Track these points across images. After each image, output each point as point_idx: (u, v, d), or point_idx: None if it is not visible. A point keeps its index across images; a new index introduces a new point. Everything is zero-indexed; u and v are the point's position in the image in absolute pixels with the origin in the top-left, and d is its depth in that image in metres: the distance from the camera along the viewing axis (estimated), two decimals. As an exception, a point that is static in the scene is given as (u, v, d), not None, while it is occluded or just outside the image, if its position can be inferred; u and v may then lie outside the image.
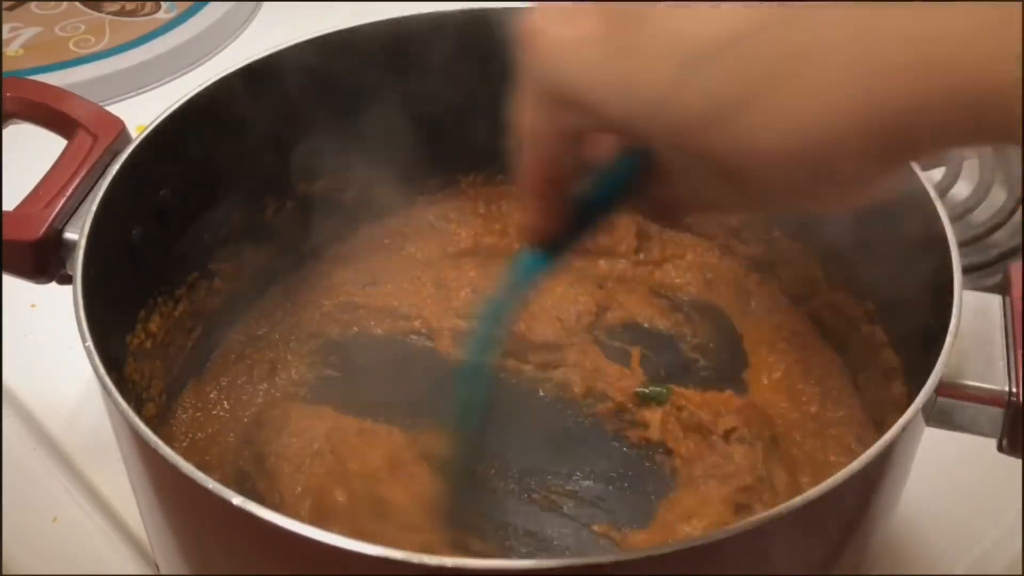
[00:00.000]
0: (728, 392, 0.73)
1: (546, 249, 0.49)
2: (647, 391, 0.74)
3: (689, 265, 0.86)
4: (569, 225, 0.47)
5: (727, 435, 0.70)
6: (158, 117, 0.68)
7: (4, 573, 0.71)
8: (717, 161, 0.37)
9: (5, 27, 1.20)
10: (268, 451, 0.69)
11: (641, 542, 0.64)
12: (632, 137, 0.40)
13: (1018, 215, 0.95)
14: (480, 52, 0.79)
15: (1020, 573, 0.72)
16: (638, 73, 0.37)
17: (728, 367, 0.79)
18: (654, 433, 0.72)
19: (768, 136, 0.35)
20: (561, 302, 0.81)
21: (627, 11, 0.38)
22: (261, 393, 0.76)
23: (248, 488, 0.68)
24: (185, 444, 0.72)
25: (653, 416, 0.73)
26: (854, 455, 0.69)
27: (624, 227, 0.86)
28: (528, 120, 0.43)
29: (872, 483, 0.53)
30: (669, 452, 0.71)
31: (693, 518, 0.65)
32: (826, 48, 0.33)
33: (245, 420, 0.74)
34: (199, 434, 0.73)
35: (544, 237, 0.48)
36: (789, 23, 0.34)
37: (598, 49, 0.39)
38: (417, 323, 0.81)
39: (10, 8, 1.24)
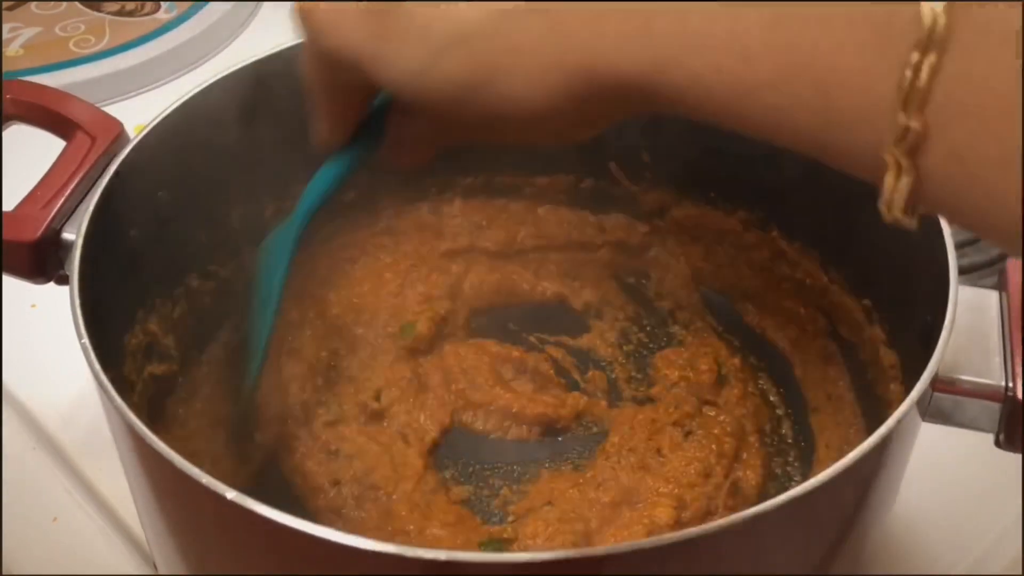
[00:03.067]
0: None
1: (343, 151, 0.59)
2: None
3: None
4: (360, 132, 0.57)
5: None
6: (157, 117, 0.69)
7: (4, 573, 0.71)
8: (465, 119, 0.48)
9: (5, 27, 1.20)
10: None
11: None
12: (403, 98, 0.51)
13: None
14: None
15: (1020, 573, 0.72)
16: (398, 54, 0.48)
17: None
18: None
19: (497, 105, 0.46)
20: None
21: (380, 5, 0.48)
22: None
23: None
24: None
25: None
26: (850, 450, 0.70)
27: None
28: (309, 67, 0.53)
29: (868, 478, 0.53)
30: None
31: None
32: (528, 49, 0.45)
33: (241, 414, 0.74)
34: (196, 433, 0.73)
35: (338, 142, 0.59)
36: (504, 26, 0.45)
37: (359, 29, 0.49)
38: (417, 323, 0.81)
39: (10, 8, 1.24)
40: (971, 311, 0.57)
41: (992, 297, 0.59)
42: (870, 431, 0.70)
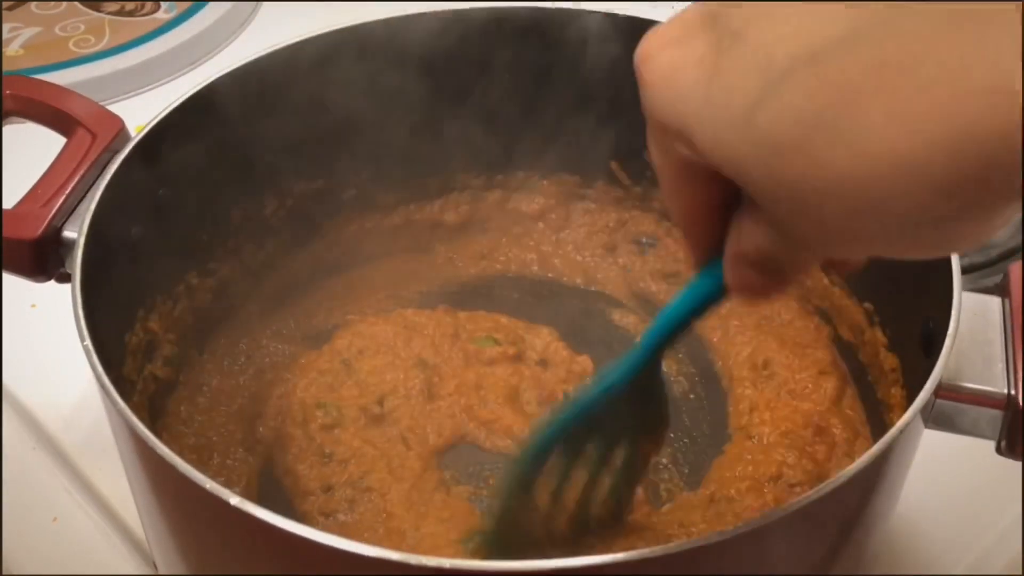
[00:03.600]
0: None
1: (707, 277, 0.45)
2: None
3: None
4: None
5: None
6: (157, 116, 0.68)
7: (4, 573, 0.71)
8: (795, 193, 0.34)
9: (5, 27, 1.20)
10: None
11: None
12: (723, 168, 0.38)
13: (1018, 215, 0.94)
14: (479, 52, 0.79)
15: (1020, 573, 0.72)
16: (723, 95, 0.36)
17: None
18: None
19: (844, 160, 0.32)
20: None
21: (729, 29, 0.36)
22: (256, 387, 0.77)
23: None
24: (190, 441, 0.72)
25: None
26: (853, 456, 0.69)
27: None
28: (652, 153, 0.42)
29: (871, 485, 0.53)
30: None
31: None
32: (909, 66, 0.31)
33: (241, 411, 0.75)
34: (196, 435, 0.73)
35: (699, 266, 0.45)
36: (876, 33, 0.31)
37: (693, 72, 0.38)
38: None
39: (10, 8, 1.23)
40: (974, 317, 0.57)
41: (994, 303, 0.59)
42: (870, 433, 0.71)
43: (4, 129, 0.72)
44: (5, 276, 0.66)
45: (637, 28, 0.78)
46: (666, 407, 0.55)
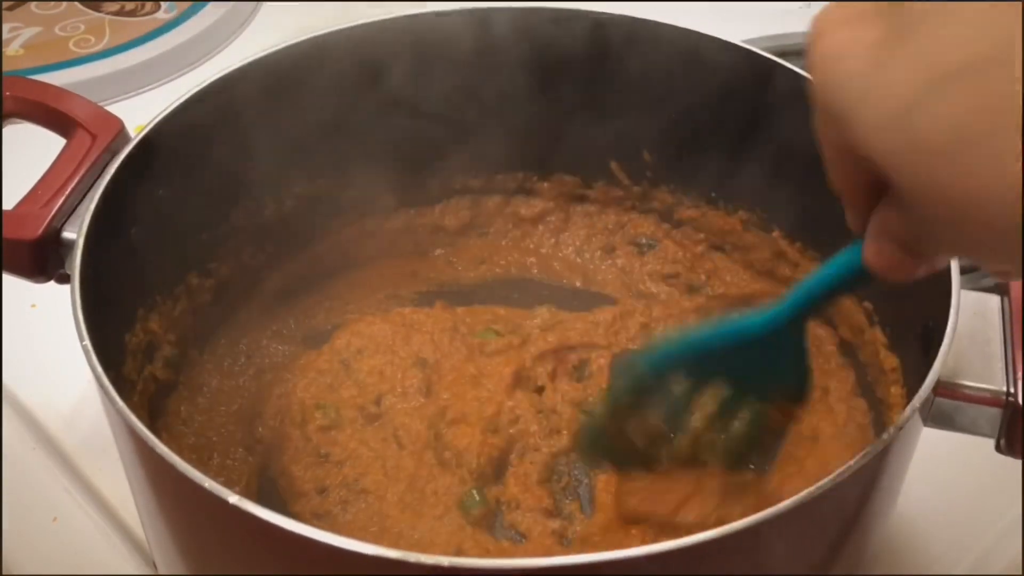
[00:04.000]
0: None
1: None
2: None
3: (692, 267, 0.87)
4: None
5: None
6: (157, 116, 0.68)
7: (4, 573, 0.71)
8: (940, 197, 0.35)
9: (5, 27, 1.20)
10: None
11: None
12: (874, 160, 0.38)
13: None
14: (480, 53, 0.79)
15: (1020, 573, 0.72)
16: (884, 88, 0.36)
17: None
18: None
19: (990, 177, 0.33)
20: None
21: (903, 20, 0.36)
22: (256, 388, 0.77)
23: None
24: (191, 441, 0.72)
25: None
26: (852, 455, 0.69)
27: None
28: (817, 127, 0.43)
29: (870, 483, 0.53)
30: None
31: None
32: None
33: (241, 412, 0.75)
34: (196, 435, 0.73)
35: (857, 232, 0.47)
36: None
37: (860, 58, 0.38)
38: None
39: (10, 8, 1.24)
40: (973, 315, 0.57)
41: (993, 302, 0.59)
42: (871, 433, 0.71)
43: (4, 129, 0.72)
44: (5, 276, 0.66)
45: (636, 29, 0.78)
46: (806, 380, 0.56)
